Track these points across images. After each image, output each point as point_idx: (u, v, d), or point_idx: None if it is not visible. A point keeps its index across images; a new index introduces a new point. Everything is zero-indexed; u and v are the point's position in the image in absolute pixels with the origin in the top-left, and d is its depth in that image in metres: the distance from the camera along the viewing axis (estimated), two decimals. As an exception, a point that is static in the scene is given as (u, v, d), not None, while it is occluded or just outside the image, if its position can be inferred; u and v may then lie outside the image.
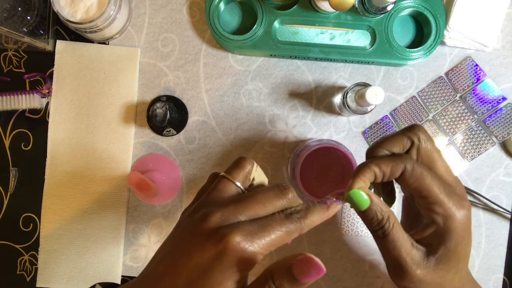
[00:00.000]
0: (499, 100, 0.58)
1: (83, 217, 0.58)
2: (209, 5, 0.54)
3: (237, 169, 0.35)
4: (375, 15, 0.53)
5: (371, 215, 0.34)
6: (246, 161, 0.35)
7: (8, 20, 0.50)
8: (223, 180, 0.34)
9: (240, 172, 0.35)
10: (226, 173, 0.35)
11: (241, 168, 0.35)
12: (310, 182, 0.52)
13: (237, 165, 0.35)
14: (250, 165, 0.35)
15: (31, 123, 0.58)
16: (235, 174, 0.35)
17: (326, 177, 0.52)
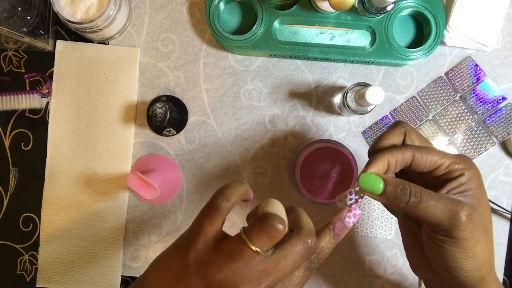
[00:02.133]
0: (499, 100, 0.58)
1: (83, 217, 0.58)
2: (209, 5, 0.54)
3: (261, 233, 0.28)
4: (375, 15, 0.53)
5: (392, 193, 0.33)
6: (275, 220, 0.28)
7: (8, 20, 0.50)
8: (242, 247, 0.28)
9: (265, 236, 0.28)
10: (247, 234, 0.29)
11: (268, 232, 0.28)
12: (310, 182, 0.52)
13: (262, 225, 0.28)
14: (281, 224, 0.28)
15: (31, 123, 0.58)
16: (259, 239, 0.28)
17: (326, 177, 0.52)
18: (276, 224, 0.27)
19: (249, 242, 0.28)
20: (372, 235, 0.58)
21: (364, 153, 0.58)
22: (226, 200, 0.31)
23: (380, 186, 0.33)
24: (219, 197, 0.31)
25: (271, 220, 0.28)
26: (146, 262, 0.58)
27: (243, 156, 0.58)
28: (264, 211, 0.29)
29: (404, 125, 0.38)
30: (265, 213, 0.28)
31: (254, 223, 0.28)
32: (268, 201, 0.31)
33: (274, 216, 0.28)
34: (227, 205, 0.30)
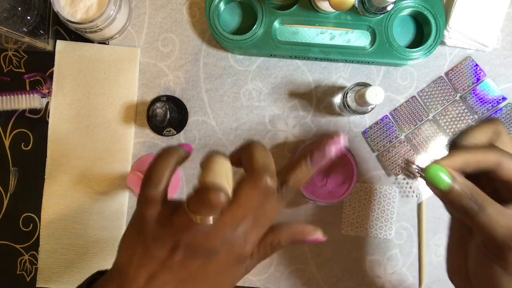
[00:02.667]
0: (499, 100, 0.58)
1: (83, 217, 0.58)
2: (209, 5, 0.54)
3: (203, 206, 0.28)
4: (375, 15, 0.53)
5: (456, 196, 0.30)
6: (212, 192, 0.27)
7: (8, 20, 0.50)
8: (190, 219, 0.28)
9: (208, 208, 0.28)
10: (191, 208, 0.28)
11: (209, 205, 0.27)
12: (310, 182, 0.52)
13: (201, 199, 0.27)
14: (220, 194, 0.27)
15: (31, 123, 0.58)
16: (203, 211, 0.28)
17: (326, 177, 0.52)
18: (214, 197, 0.26)
19: (195, 215, 0.27)
20: (372, 235, 0.58)
21: (364, 153, 0.58)
22: (154, 188, 0.29)
23: (447, 183, 0.30)
24: (146, 187, 0.30)
25: (209, 192, 0.26)
26: (146, 262, 0.58)
27: (243, 156, 0.58)
28: (201, 181, 0.28)
29: (499, 124, 0.34)
30: (201, 184, 0.27)
31: (193, 197, 0.27)
32: (207, 163, 0.29)
33: (211, 187, 0.27)
34: (157, 192, 0.29)
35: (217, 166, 0.29)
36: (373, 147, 0.58)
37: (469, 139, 0.34)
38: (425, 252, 0.58)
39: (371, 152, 0.58)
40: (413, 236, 0.58)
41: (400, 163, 0.32)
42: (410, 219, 0.58)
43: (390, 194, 0.58)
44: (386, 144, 0.58)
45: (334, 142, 0.29)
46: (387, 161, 0.58)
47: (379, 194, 0.58)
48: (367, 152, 0.58)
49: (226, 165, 0.30)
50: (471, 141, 0.34)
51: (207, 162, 0.30)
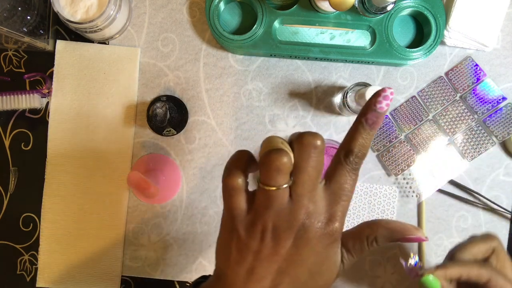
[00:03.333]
0: (499, 100, 0.58)
1: (83, 217, 0.58)
2: (209, 5, 0.54)
3: (272, 173, 0.28)
4: (375, 15, 0.53)
5: None
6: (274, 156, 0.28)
7: (8, 20, 0.50)
8: (267, 194, 0.29)
9: (276, 174, 0.28)
10: (262, 181, 0.29)
11: (276, 169, 0.28)
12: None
13: (267, 167, 0.28)
14: (282, 155, 0.28)
15: (31, 123, 0.58)
16: (274, 179, 0.28)
17: (326, 177, 0.52)
18: (276, 160, 0.27)
19: (268, 186, 0.28)
20: (372, 235, 0.58)
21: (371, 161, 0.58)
22: (236, 176, 0.30)
23: None
24: (229, 178, 0.30)
25: (270, 158, 0.27)
26: (146, 262, 0.58)
27: (243, 156, 0.58)
28: (260, 154, 0.29)
29: (496, 242, 0.40)
30: (263, 154, 0.28)
31: (260, 171, 0.28)
32: (262, 143, 0.30)
33: (271, 152, 0.27)
34: (239, 180, 0.30)
35: (271, 139, 0.30)
36: (373, 147, 0.58)
37: (466, 254, 0.39)
38: (425, 252, 0.58)
39: (371, 152, 0.58)
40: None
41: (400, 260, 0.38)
42: (410, 219, 0.58)
43: (390, 194, 0.58)
44: (386, 144, 0.58)
45: (383, 97, 0.29)
46: (387, 161, 0.58)
47: (379, 194, 0.58)
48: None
49: (278, 138, 0.30)
50: (467, 256, 0.39)
51: (263, 143, 0.30)
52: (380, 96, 0.29)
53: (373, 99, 0.29)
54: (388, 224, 0.30)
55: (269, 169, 0.27)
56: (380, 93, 0.29)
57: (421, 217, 0.58)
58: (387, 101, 0.29)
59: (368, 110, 0.29)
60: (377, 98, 0.29)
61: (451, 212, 0.58)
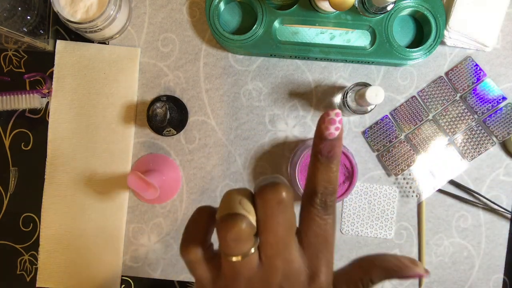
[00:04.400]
0: (499, 100, 0.58)
1: (83, 217, 0.58)
2: (209, 5, 0.54)
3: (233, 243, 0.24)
4: (375, 15, 0.53)
5: None
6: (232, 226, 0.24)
7: (8, 20, 0.50)
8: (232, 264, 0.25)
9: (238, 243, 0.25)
10: (224, 250, 0.25)
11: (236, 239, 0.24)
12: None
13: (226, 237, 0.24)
14: (241, 223, 0.24)
15: (31, 123, 0.58)
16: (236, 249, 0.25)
17: (326, 177, 0.52)
18: (234, 227, 0.23)
19: (231, 256, 0.24)
20: (372, 235, 0.58)
21: (365, 153, 0.58)
22: (192, 250, 0.26)
23: None
24: (185, 253, 0.27)
25: (227, 225, 0.23)
26: (146, 262, 0.58)
27: (243, 156, 0.58)
28: (217, 216, 0.25)
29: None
30: (217, 220, 0.24)
31: (218, 239, 0.24)
32: (221, 200, 0.26)
33: (226, 218, 0.24)
34: (196, 253, 0.26)
35: (230, 198, 0.26)
36: (373, 147, 0.58)
37: None
38: (425, 252, 0.58)
39: (371, 152, 0.58)
40: (413, 236, 0.58)
41: None
42: (410, 219, 0.58)
43: (390, 194, 0.58)
44: (386, 144, 0.58)
45: (328, 122, 0.25)
46: (387, 161, 0.58)
47: (379, 194, 0.58)
48: (367, 152, 0.58)
49: (237, 195, 0.26)
50: None
51: (222, 200, 0.26)
52: (325, 121, 0.25)
53: (319, 127, 0.25)
54: (384, 264, 0.27)
55: (227, 239, 0.24)
56: (324, 118, 0.25)
57: (421, 217, 0.58)
58: (334, 125, 0.25)
59: (319, 141, 0.26)
60: (322, 124, 0.25)
61: (451, 212, 0.58)
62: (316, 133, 0.26)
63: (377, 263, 0.27)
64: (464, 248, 0.58)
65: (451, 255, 0.58)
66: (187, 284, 0.59)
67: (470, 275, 0.59)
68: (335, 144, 0.25)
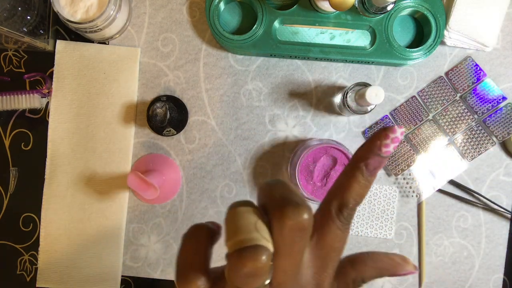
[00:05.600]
0: (499, 100, 0.58)
1: (83, 217, 0.58)
2: (209, 5, 0.54)
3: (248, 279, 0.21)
4: (375, 15, 0.53)
5: None
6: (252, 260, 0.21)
7: (8, 20, 0.50)
8: None
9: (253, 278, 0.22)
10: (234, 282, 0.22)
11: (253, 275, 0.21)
12: (310, 182, 0.52)
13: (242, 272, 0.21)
14: (261, 256, 0.21)
15: (31, 123, 0.58)
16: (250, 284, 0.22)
17: (326, 177, 0.52)
18: (254, 263, 0.20)
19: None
20: (372, 235, 0.58)
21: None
22: (192, 283, 0.23)
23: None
24: (183, 285, 0.23)
25: (244, 260, 0.20)
26: (146, 262, 0.58)
27: (243, 156, 0.58)
28: (230, 247, 0.22)
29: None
30: (232, 252, 0.21)
31: (231, 270, 0.21)
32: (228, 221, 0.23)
33: (244, 252, 0.21)
34: (198, 285, 0.23)
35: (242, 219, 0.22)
36: (373, 147, 0.58)
37: None
38: (425, 252, 0.58)
39: (371, 152, 0.58)
40: (413, 236, 0.58)
41: None
42: (410, 219, 0.58)
43: (390, 194, 0.58)
44: (386, 144, 0.58)
45: (392, 140, 0.22)
46: (387, 161, 0.58)
47: (379, 194, 0.58)
48: None
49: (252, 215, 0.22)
50: None
51: (228, 219, 0.23)
52: (388, 138, 0.22)
53: (378, 141, 0.23)
54: (376, 263, 0.26)
55: (243, 274, 0.21)
56: (388, 135, 0.22)
57: (421, 217, 0.58)
58: (396, 143, 0.22)
59: (370, 154, 0.23)
60: (384, 140, 0.22)
61: (451, 212, 0.58)
62: (369, 145, 0.23)
63: (368, 263, 0.26)
64: (464, 248, 0.58)
65: (451, 255, 0.58)
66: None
67: (470, 275, 0.59)
68: (384, 161, 0.23)
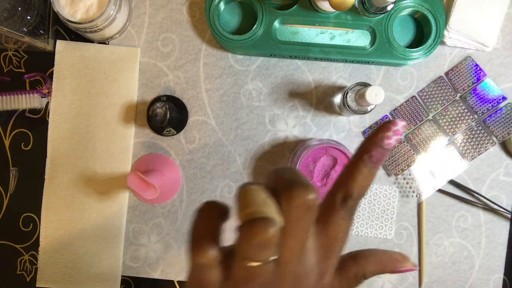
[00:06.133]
0: (499, 100, 0.58)
1: (83, 217, 0.58)
2: (209, 5, 0.54)
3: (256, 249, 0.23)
4: (375, 15, 0.53)
5: None
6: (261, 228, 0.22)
7: (8, 20, 0.50)
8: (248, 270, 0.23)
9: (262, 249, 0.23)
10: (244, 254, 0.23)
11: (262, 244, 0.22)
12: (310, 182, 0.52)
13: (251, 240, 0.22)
14: (270, 227, 0.22)
15: (31, 123, 0.58)
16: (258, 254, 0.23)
17: (326, 177, 0.52)
18: (264, 232, 0.22)
19: (250, 261, 0.23)
20: (372, 235, 0.58)
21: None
22: (206, 253, 0.24)
23: None
24: (197, 256, 0.24)
25: (255, 229, 0.22)
26: (146, 262, 0.58)
27: (243, 156, 0.58)
28: (241, 217, 0.23)
29: None
30: (243, 222, 0.23)
31: (241, 241, 0.23)
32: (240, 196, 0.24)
33: (254, 222, 0.22)
34: (211, 256, 0.24)
35: (253, 195, 0.24)
36: (373, 147, 0.58)
37: None
38: (425, 252, 0.58)
39: (371, 152, 0.58)
40: (413, 236, 0.58)
41: None
42: (410, 219, 0.58)
43: (390, 194, 0.58)
44: (386, 144, 0.58)
45: (393, 132, 0.24)
46: (387, 161, 0.58)
47: (379, 194, 0.58)
48: None
49: (262, 192, 0.24)
50: None
51: (240, 195, 0.24)
52: (390, 130, 0.24)
53: (381, 133, 0.24)
54: (377, 259, 0.27)
55: (253, 244, 0.22)
56: (390, 127, 0.24)
57: (421, 217, 0.58)
58: (397, 136, 0.24)
59: (373, 146, 0.24)
60: (386, 132, 0.24)
61: (451, 212, 0.58)
62: (373, 138, 0.25)
63: (370, 258, 0.27)
64: (464, 248, 0.58)
65: (451, 255, 0.58)
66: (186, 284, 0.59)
67: (470, 275, 0.59)
68: (386, 154, 0.25)
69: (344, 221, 0.25)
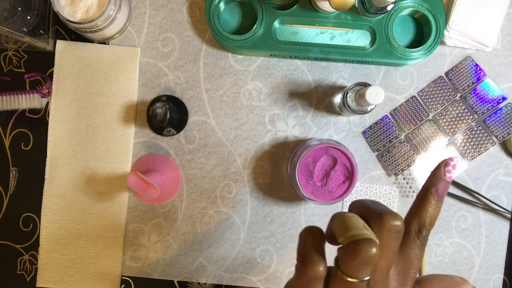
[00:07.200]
0: (499, 100, 0.58)
1: (83, 217, 0.58)
2: (209, 5, 0.54)
3: (359, 266, 0.26)
4: (375, 15, 0.53)
5: None
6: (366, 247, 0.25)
7: (8, 20, 0.50)
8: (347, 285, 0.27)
9: (363, 266, 0.26)
10: (344, 271, 0.27)
11: (364, 262, 0.26)
12: (310, 182, 0.52)
13: (355, 257, 0.25)
14: (373, 248, 0.25)
15: (31, 123, 0.58)
16: (359, 272, 0.26)
17: (326, 177, 0.52)
18: (368, 252, 0.25)
19: (351, 277, 0.26)
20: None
21: (364, 153, 0.58)
22: (317, 266, 0.28)
23: None
24: (310, 268, 0.28)
25: (360, 248, 0.25)
26: (146, 262, 0.58)
27: (243, 156, 0.58)
28: (347, 238, 0.26)
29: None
30: (350, 242, 0.26)
31: (345, 258, 0.26)
32: (340, 221, 0.28)
33: (360, 242, 0.25)
34: (321, 269, 0.28)
35: (353, 221, 0.27)
36: (373, 147, 0.58)
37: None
38: (425, 252, 0.58)
39: (371, 152, 0.58)
40: (413, 236, 0.58)
41: None
42: (410, 219, 0.58)
43: (390, 194, 0.58)
44: (386, 144, 0.58)
45: (452, 166, 0.30)
46: (387, 161, 0.58)
47: (379, 194, 0.58)
48: (367, 152, 0.58)
49: (359, 218, 0.28)
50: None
51: (339, 221, 0.28)
52: (449, 165, 0.29)
53: (442, 168, 0.30)
54: (440, 282, 0.30)
55: (357, 261, 0.25)
56: (449, 163, 0.29)
57: (421, 217, 0.58)
58: (454, 170, 0.30)
59: (438, 180, 0.29)
60: (447, 167, 0.30)
61: (451, 212, 0.58)
62: (437, 173, 0.30)
63: (433, 281, 0.31)
64: (464, 248, 0.58)
65: (451, 255, 0.58)
66: (187, 284, 0.59)
67: (470, 275, 0.58)
68: (448, 186, 0.30)
69: (419, 250, 0.29)
